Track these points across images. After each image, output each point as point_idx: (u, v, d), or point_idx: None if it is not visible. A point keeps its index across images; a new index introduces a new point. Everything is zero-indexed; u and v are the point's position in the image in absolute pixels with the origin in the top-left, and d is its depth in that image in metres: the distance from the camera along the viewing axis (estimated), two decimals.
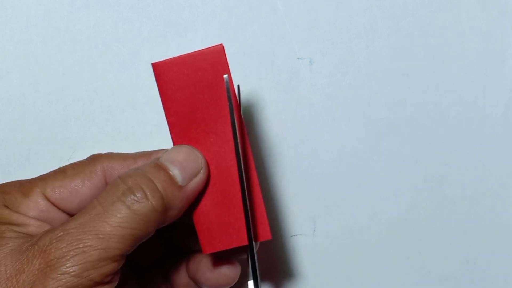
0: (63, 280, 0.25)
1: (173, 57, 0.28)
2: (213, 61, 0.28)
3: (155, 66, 0.27)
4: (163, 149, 0.31)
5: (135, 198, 0.27)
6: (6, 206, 0.29)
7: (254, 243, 0.29)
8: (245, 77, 0.37)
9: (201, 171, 0.29)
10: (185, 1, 0.37)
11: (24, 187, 0.30)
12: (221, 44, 0.28)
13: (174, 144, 0.29)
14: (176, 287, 0.34)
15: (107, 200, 0.27)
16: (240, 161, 0.28)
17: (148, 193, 0.27)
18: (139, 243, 0.27)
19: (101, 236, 0.26)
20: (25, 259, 0.26)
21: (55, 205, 0.30)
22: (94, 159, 0.31)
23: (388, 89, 0.38)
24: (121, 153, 0.32)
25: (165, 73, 0.28)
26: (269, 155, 0.37)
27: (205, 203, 0.29)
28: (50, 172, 0.31)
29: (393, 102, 0.37)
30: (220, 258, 0.32)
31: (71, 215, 0.30)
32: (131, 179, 0.27)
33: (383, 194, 0.38)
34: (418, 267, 0.38)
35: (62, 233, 0.26)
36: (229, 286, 0.33)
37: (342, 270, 0.37)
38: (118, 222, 0.26)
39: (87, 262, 0.25)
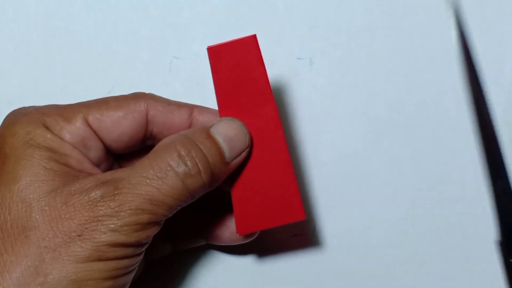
0: (113, 237, 0.26)
1: (223, 42, 0.31)
2: (250, 47, 0.31)
3: (210, 49, 0.30)
4: (205, 108, 0.32)
5: (188, 171, 0.27)
6: (48, 128, 0.28)
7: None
8: None
9: (246, 150, 0.30)
10: (185, 1, 0.37)
11: (65, 111, 0.30)
12: (254, 34, 0.31)
13: (220, 114, 0.30)
14: (218, 239, 0.34)
15: (160, 164, 0.27)
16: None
17: (201, 169, 0.28)
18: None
19: (154, 202, 0.26)
20: (73, 207, 0.26)
21: (95, 133, 0.30)
22: (138, 95, 0.31)
23: (388, 89, 0.38)
24: (164, 98, 0.32)
25: (216, 55, 0.30)
26: None
27: (246, 178, 0.31)
28: (91, 100, 0.31)
29: (393, 102, 0.37)
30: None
31: (108, 146, 0.30)
32: (185, 148, 0.28)
33: (383, 194, 0.38)
34: (418, 267, 0.37)
35: (116, 192, 0.26)
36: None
37: (342, 270, 0.37)
38: (171, 193, 0.27)
39: (138, 224, 0.26)
